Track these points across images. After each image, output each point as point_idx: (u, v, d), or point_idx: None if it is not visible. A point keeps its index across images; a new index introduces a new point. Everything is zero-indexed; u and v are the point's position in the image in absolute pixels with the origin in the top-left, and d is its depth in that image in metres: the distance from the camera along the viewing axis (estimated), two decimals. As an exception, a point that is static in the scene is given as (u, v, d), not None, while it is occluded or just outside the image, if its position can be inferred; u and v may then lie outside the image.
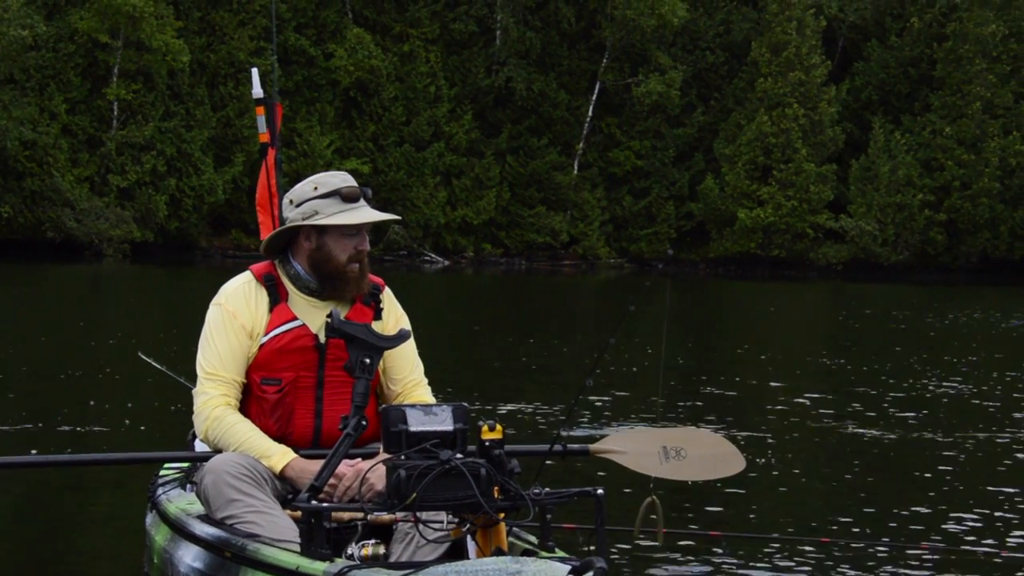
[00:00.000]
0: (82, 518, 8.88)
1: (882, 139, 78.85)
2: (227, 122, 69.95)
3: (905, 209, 78.31)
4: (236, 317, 6.31)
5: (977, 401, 17.07)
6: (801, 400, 16.25)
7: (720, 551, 7.65)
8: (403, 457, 5.35)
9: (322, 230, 6.34)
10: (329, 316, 6.03)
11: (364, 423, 5.88)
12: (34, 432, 12.15)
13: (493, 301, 42.93)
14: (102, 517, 8.89)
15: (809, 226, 77.53)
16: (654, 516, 5.95)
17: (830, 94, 79.24)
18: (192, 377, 8.96)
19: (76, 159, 65.92)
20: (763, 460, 11.50)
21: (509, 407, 13.96)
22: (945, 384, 18.83)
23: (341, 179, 6.42)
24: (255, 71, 9.20)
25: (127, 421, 13.16)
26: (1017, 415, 15.54)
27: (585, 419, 13.23)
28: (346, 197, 6.35)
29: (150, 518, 7.07)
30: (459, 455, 5.37)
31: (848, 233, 78.02)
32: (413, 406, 5.59)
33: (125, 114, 67.23)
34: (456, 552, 5.67)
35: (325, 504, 5.58)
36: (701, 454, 6.71)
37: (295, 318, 6.32)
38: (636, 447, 6.63)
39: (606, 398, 15.27)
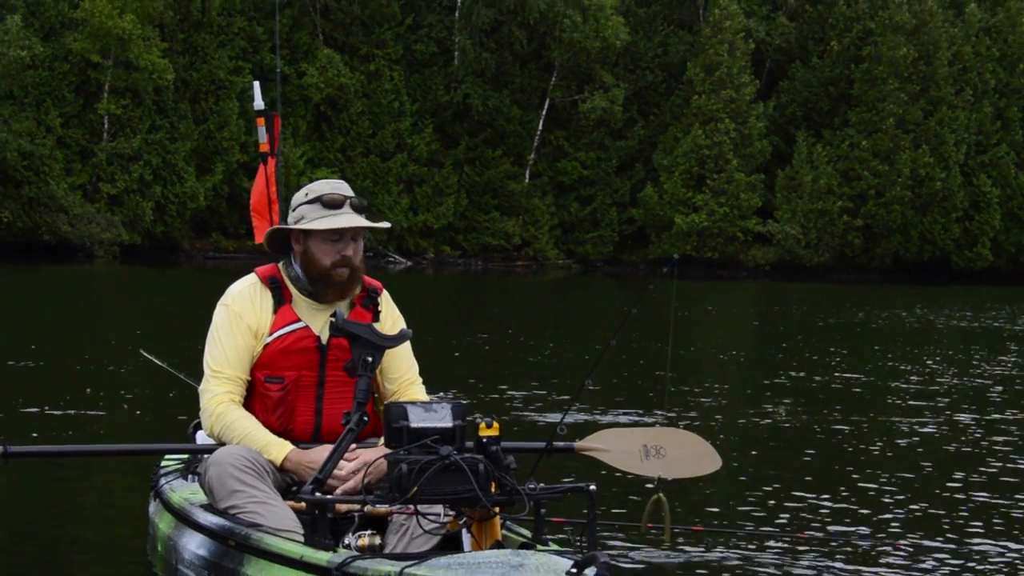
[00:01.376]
0: (81, 504, 8.83)
1: (805, 151, 79.12)
2: (208, 135, 69.37)
3: (826, 215, 78.52)
4: (242, 317, 6.29)
5: (895, 386, 17.15)
6: (739, 390, 16.26)
7: (718, 547, 7.56)
8: (404, 452, 5.33)
9: (308, 234, 6.31)
10: (334, 316, 5.98)
11: (365, 419, 5.86)
12: (35, 421, 12.08)
13: (455, 299, 42.87)
14: (101, 504, 8.82)
15: (739, 230, 77.64)
16: (662, 513, 5.93)
17: (758, 110, 79.29)
18: (193, 373, 8.96)
19: (70, 168, 65.58)
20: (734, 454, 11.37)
21: (484, 397, 13.83)
22: (868, 373, 18.90)
23: (330, 187, 6.41)
24: (256, 84, 9.13)
25: (123, 408, 13.13)
26: (937, 399, 15.62)
27: (572, 416, 13.05)
28: (327, 203, 6.29)
29: (153, 506, 7.04)
30: (456, 451, 5.33)
31: (774, 237, 78.21)
32: (414, 403, 5.56)
33: (115, 127, 66.94)
34: (450, 544, 5.62)
35: (329, 497, 5.57)
36: (680, 453, 6.69)
37: (298, 320, 6.30)
38: (618, 445, 6.63)
39: (587, 394, 15.20)
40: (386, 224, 6.59)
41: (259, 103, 8.45)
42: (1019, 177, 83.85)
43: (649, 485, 8.06)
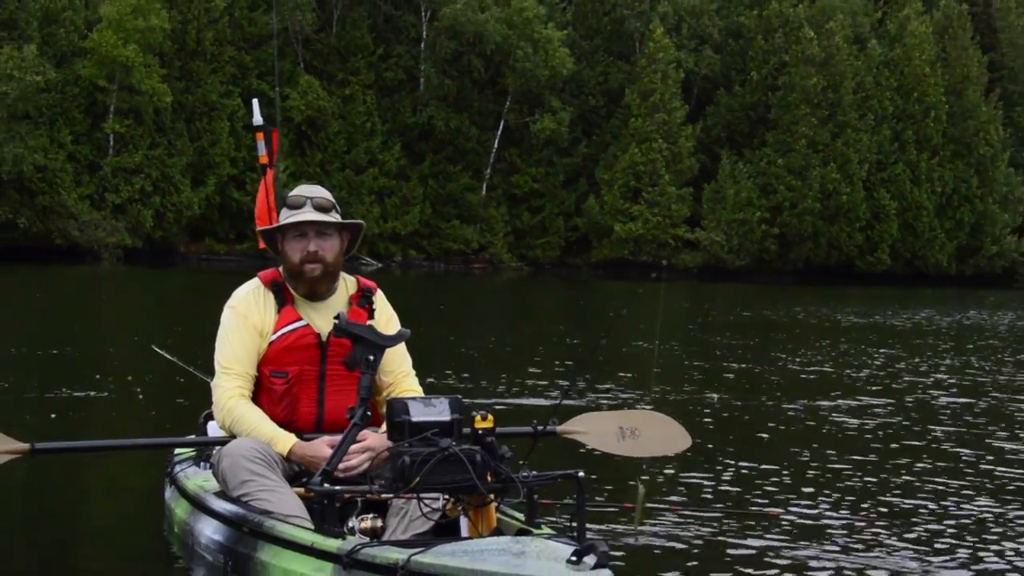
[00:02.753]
0: (100, 488, 8.69)
1: (728, 168, 79.29)
2: (202, 151, 69.21)
3: (746, 224, 78.64)
4: (248, 318, 6.15)
5: (806, 373, 17.15)
6: (678, 376, 16.20)
7: (708, 529, 7.34)
8: (407, 445, 5.23)
9: (283, 235, 6.19)
10: (337, 318, 5.86)
11: (368, 414, 5.77)
12: (53, 407, 11.89)
13: (421, 297, 42.70)
14: (118, 488, 8.66)
15: (671, 237, 77.63)
16: (638, 499, 5.83)
17: (687, 132, 79.36)
18: (198, 366, 8.82)
19: (79, 180, 65.26)
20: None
21: (461, 387, 13.54)
22: (782, 362, 18.90)
23: (300, 190, 6.27)
24: (255, 102, 8.96)
25: (132, 396, 12.95)
26: (845, 383, 15.61)
27: (551, 402, 12.93)
28: (290, 205, 6.18)
29: (169, 492, 6.93)
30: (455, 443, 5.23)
31: (701, 243, 78.31)
32: (414, 399, 5.46)
33: (119, 144, 66.69)
34: (446, 527, 5.53)
35: (338, 488, 5.43)
36: (653, 434, 6.66)
37: (300, 318, 6.16)
38: (596, 428, 6.58)
39: (558, 383, 15.13)
40: (355, 222, 6.38)
41: (258, 119, 8.31)
42: (914, 192, 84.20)
43: (641, 476, 8.00)
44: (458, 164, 78.18)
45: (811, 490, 8.88)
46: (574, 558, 4.39)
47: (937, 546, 7.28)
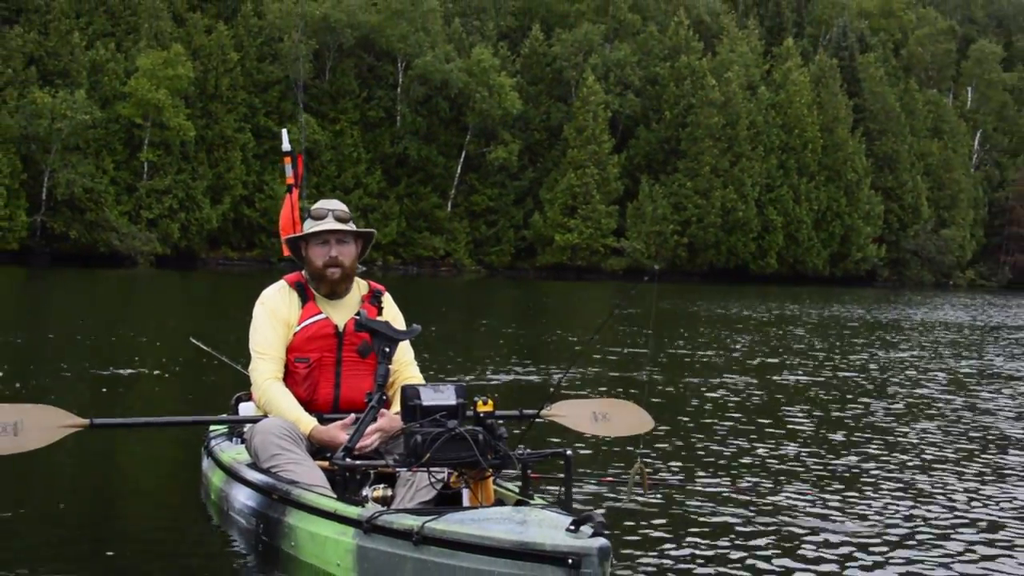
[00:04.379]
0: (143, 458, 8.42)
1: (647, 190, 79.37)
2: (219, 176, 68.98)
3: (661, 235, 78.82)
4: (276, 312, 5.97)
5: (711, 356, 17.04)
6: (609, 359, 16.03)
7: (697, 503, 6.94)
8: (419, 425, 5.03)
9: (307, 242, 6.02)
10: (358, 315, 5.78)
11: (385, 398, 5.58)
12: (99, 387, 11.54)
13: (407, 296, 42.45)
14: (160, 459, 8.39)
15: (601, 246, 77.65)
16: (638, 476, 5.60)
17: (614, 160, 79.41)
18: (231, 354, 8.53)
19: (119, 200, 64.79)
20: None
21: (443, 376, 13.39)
22: (694, 347, 18.78)
23: (321, 203, 6.09)
24: (284, 132, 8.66)
25: (166, 380, 12.63)
26: (747, 363, 15.51)
27: (538, 387, 12.70)
28: (314, 216, 6.03)
29: (206, 463, 6.68)
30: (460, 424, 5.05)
31: (625, 250, 78.30)
32: (424, 385, 5.26)
33: (152, 170, 66.28)
34: (446, 497, 5.29)
35: (359, 462, 5.24)
36: (621, 418, 6.50)
37: (320, 312, 5.98)
38: (573, 412, 6.42)
39: (541, 376, 14.89)
40: (368, 230, 6.20)
41: (286, 145, 8.01)
42: (795, 209, 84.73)
43: (630, 448, 7.73)
44: (428, 186, 77.89)
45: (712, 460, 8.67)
46: (573, 527, 4.17)
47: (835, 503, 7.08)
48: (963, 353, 20.91)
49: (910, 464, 8.60)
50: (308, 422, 5.75)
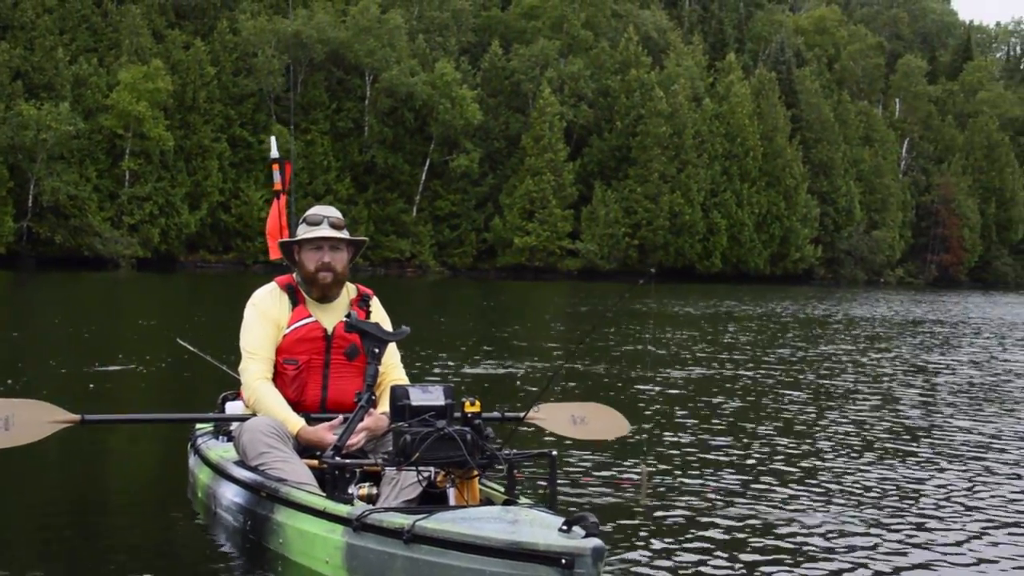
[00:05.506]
0: (128, 455, 8.03)
1: (600, 195, 79.32)
2: (197, 183, 68.56)
3: (614, 237, 78.80)
4: (267, 313, 5.67)
5: (667, 350, 16.90)
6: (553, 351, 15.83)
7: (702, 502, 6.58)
8: (407, 425, 4.75)
9: (300, 247, 5.73)
10: (348, 316, 5.48)
11: (373, 398, 5.29)
12: (86, 383, 11.18)
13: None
14: (141, 455, 8.02)
15: (557, 248, 77.46)
16: (643, 480, 5.30)
17: (569, 167, 79.21)
18: (221, 356, 8.23)
19: (102, 206, 64.32)
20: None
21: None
22: (646, 341, 18.63)
23: (316, 209, 5.81)
24: (273, 139, 8.35)
25: (150, 376, 12.30)
26: (699, 356, 15.37)
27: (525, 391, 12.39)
28: (309, 222, 5.74)
29: (193, 460, 6.35)
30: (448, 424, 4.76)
31: (580, 252, 78.22)
32: (413, 386, 4.96)
33: (133, 178, 65.81)
34: (431, 496, 5.00)
35: (348, 461, 4.92)
36: (599, 422, 6.20)
37: (310, 315, 5.67)
38: (553, 416, 6.11)
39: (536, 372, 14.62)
40: (360, 238, 5.88)
41: (275, 152, 7.71)
42: (738, 212, 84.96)
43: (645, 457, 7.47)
44: (394, 192, 77.58)
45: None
46: (565, 527, 3.90)
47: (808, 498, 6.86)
48: (890, 345, 20.90)
49: (862, 457, 8.42)
50: (296, 422, 5.48)
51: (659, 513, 6.27)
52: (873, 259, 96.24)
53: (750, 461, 7.97)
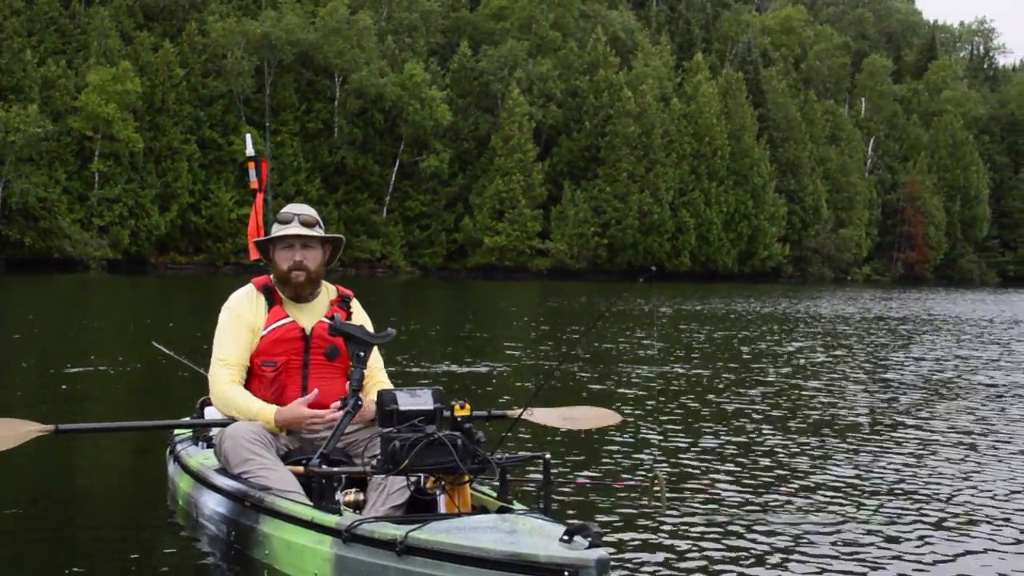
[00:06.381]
0: (105, 462, 7.75)
1: (569, 195, 79.25)
2: (166, 185, 68.16)
3: (583, 237, 78.78)
4: (241, 317, 5.48)
5: (639, 346, 16.78)
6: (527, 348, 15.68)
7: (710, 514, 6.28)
8: (396, 431, 4.55)
9: (274, 244, 5.54)
10: (332, 319, 5.27)
11: (360, 403, 5.06)
12: (58, 385, 10.94)
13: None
14: (117, 463, 7.74)
15: (527, 247, 77.28)
16: (657, 487, 5.05)
17: (538, 167, 79.06)
18: (197, 358, 8.02)
19: (72, 208, 63.80)
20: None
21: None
22: (614, 340, 18.51)
23: (289, 207, 5.63)
24: (248, 136, 8.08)
25: (124, 378, 12.07)
26: (672, 354, 15.26)
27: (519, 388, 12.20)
28: (281, 220, 5.55)
29: (172, 467, 6.09)
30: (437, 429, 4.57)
31: (550, 251, 78.11)
32: (401, 390, 4.76)
33: (103, 180, 65.30)
34: (423, 502, 4.78)
35: (336, 469, 4.72)
36: (589, 414, 6.16)
37: (287, 316, 5.48)
38: (543, 414, 5.99)
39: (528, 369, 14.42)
40: (336, 236, 5.69)
41: (250, 150, 7.44)
42: (706, 211, 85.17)
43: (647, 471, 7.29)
44: (364, 193, 77.35)
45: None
46: (566, 537, 3.70)
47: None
48: (859, 341, 20.89)
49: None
50: (269, 409, 5.30)
51: (659, 517, 6.10)
52: (840, 257, 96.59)
53: (749, 462, 7.84)
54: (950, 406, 11.49)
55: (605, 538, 5.16)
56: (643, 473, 7.12)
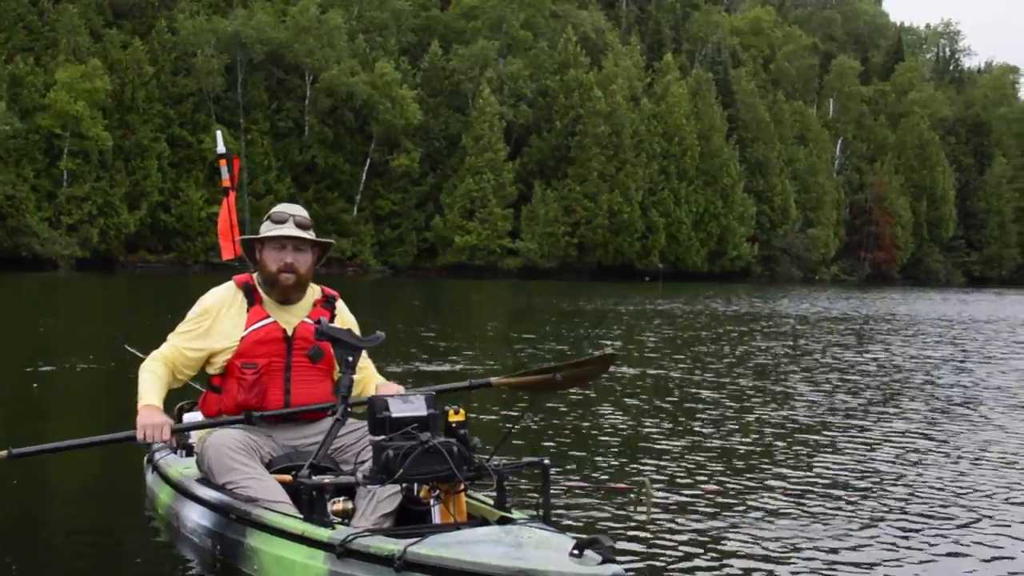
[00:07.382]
0: (80, 473, 7.25)
1: (540, 194, 79.17)
2: (136, 183, 67.70)
3: (553, 236, 78.74)
4: (207, 312, 5.27)
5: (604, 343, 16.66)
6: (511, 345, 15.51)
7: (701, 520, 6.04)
8: (388, 439, 4.31)
9: (263, 244, 5.28)
10: (318, 322, 4.98)
11: (349, 411, 4.84)
12: (29, 383, 10.66)
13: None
14: (98, 472, 7.28)
15: (497, 247, 77.22)
16: (644, 494, 4.82)
17: (509, 167, 78.99)
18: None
19: (40, 206, 63.29)
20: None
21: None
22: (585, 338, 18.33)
23: (282, 207, 5.37)
24: (219, 133, 7.81)
25: (93, 379, 11.79)
26: (646, 352, 15.13)
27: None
28: (274, 220, 5.27)
29: (151, 478, 5.78)
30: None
31: (520, 251, 78.01)
32: (393, 396, 4.49)
33: (71, 178, 64.73)
34: (416, 511, 4.57)
35: (327, 480, 4.43)
36: (577, 372, 5.53)
37: (268, 316, 5.23)
38: (528, 378, 5.57)
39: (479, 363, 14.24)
40: (327, 240, 5.43)
41: (221, 148, 7.18)
42: (676, 211, 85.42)
43: (637, 480, 7.08)
44: (335, 192, 77.13)
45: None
46: (576, 551, 3.46)
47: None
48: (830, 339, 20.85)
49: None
50: (143, 402, 5.06)
51: (659, 521, 5.90)
52: (808, 257, 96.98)
53: (746, 464, 7.68)
54: (930, 407, 11.39)
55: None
56: (630, 479, 6.90)
